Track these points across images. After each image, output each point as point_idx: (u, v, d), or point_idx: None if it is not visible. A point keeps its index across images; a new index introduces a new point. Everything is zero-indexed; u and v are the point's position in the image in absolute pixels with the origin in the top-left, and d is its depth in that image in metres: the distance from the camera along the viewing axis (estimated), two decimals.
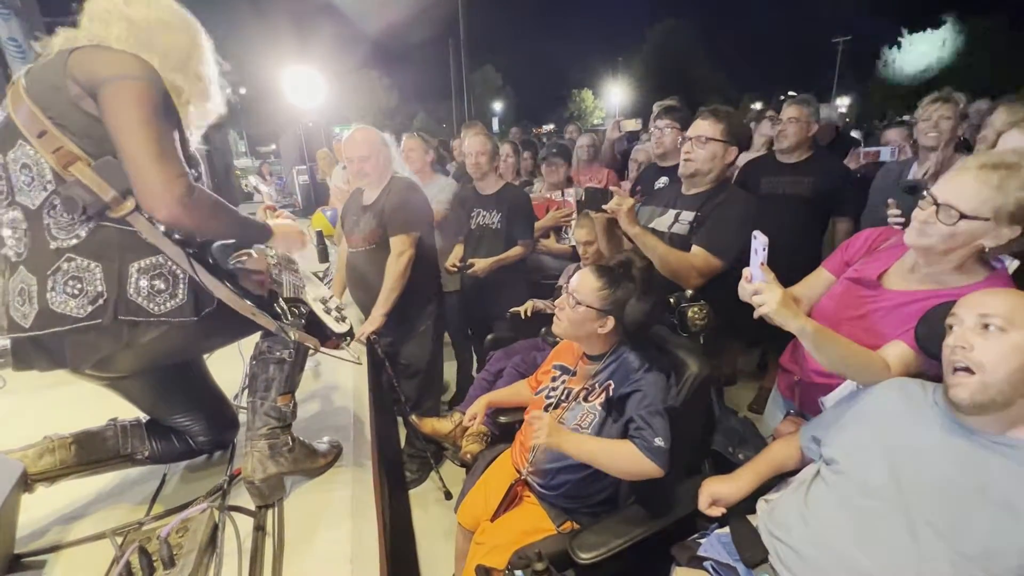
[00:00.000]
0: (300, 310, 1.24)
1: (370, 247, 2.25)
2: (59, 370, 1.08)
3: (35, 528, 1.17)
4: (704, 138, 1.77)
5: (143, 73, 0.97)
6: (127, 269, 1.02)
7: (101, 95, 0.94)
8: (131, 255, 1.02)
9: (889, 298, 1.23)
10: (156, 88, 0.98)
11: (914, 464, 0.97)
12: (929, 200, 1.11)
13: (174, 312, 1.06)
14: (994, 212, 1.04)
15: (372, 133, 2.24)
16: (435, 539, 2.16)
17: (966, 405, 0.92)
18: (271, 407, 1.23)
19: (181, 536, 1.03)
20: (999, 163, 1.05)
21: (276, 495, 1.24)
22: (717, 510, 1.27)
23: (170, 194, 0.95)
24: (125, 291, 1.01)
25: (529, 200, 2.80)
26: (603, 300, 1.41)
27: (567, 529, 1.40)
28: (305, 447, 1.33)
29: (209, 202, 1.02)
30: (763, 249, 1.05)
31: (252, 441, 1.22)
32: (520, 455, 1.57)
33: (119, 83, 0.95)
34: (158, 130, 0.96)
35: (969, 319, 0.95)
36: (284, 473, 1.25)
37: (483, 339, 2.54)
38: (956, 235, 1.08)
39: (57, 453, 1.14)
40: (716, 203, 1.78)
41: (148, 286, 1.03)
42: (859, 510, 1.00)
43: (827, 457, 1.12)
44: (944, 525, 0.91)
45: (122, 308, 1.01)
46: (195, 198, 0.98)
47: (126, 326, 1.03)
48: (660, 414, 1.31)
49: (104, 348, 1.03)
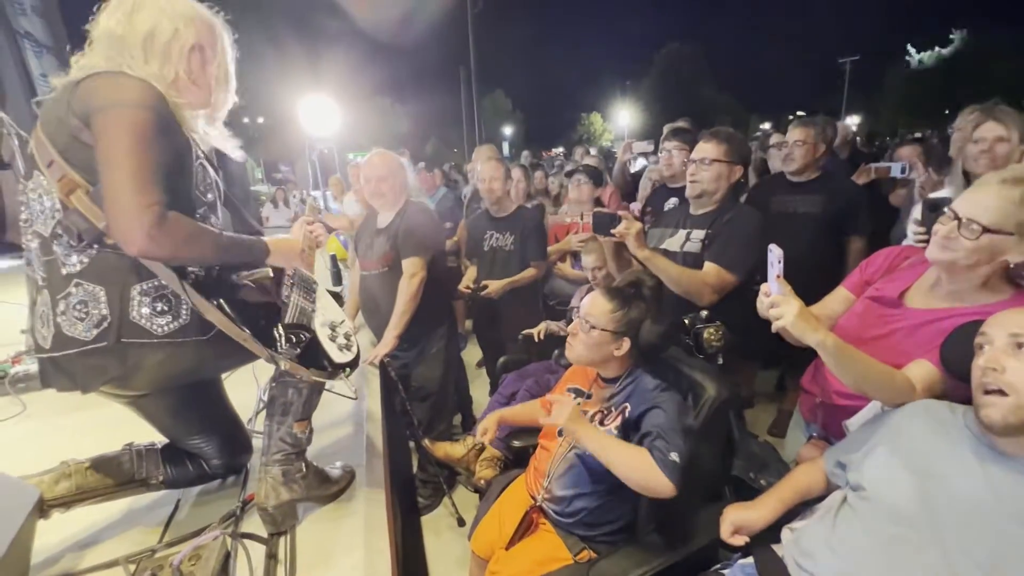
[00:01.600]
0: (300, 337, 1.17)
1: (383, 270, 2.28)
2: (78, 395, 1.09)
3: (49, 555, 1.17)
4: (708, 160, 1.83)
5: (135, 99, 0.96)
6: (129, 292, 1.04)
7: (92, 125, 0.95)
8: (133, 278, 1.04)
9: (912, 316, 1.20)
10: (147, 114, 0.96)
11: (946, 490, 0.93)
12: (950, 215, 1.09)
13: (177, 333, 1.07)
14: (1017, 226, 1.02)
15: (390, 156, 2.32)
16: (448, 567, 2.12)
17: (999, 427, 0.89)
18: (287, 432, 1.23)
19: (193, 564, 1.02)
20: (1021, 177, 1.04)
21: (288, 522, 1.23)
22: (740, 539, 1.22)
23: (137, 225, 0.91)
24: (128, 314, 1.03)
25: (542, 222, 2.81)
26: (617, 322, 1.40)
27: (584, 559, 1.36)
28: (319, 473, 1.32)
29: (184, 231, 0.98)
30: (779, 262, 1.04)
31: (266, 467, 1.21)
32: (535, 481, 1.54)
33: (107, 112, 0.94)
34: (138, 160, 0.93)
35: (1000, 339, 0.92)
36: (297, 500, 1.24)
37: (495, 361, 2.53)
38: (980, 249, 1.06)
39: (74, 478, 1.15)
40: (725, 220, 1.82)
41: (151, 308, 1.05)
42: (890, 538, 0.96)
43: (853, 483, 1.08)
44: (981, 553, 0.86)
45: (125, 331, 1.03)
46: (165, 228, 0.94)
47: (131, 348, 1.04)
48: (677, 430, 1.28)
49: (111, 370, 1.05)
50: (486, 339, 3.03)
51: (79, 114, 0.96)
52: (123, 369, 1.05)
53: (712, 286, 1.73)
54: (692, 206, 1.95)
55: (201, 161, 1.13)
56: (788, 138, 2.54)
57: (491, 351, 2.93)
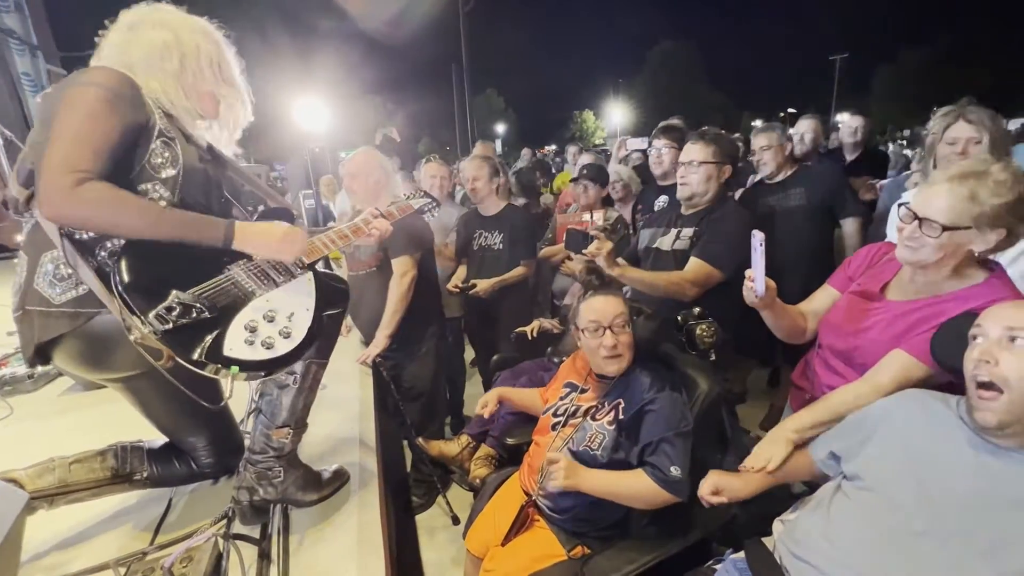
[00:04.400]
0: (183, 310, 0.98)
1: (371, 270, 2.27)
2: (66, 399, 1.09)
3: (37, 557, 1.16)
4: (697, 162, 1.86)
5: (101, 80, 0.99)
6: (39, 259, 1.04)
7: (55, 109, 0.98)
8: (46, 246, 1.04)
9: (891, 309, 1.24)
10: (105, 93, 0.98)
11: (944, 480, 0.94)
12: (910, 215, 1.12)
13: (73, 302, 1.04)
14: (974, 220, 1.06)
15: (371, 155, 2.28)
16: (443, 566, 2.11)
17: (993, 428, 0.90)
18: (265, 435, 1.23)
19: (185, 566, 1.01)
20: (967, 173, 1.08)
21: (258, 519, 1.24)
22: (718, 499, 1.21)
23: (54, 187, 0.92)
24: (32, 281, 1.04)
25: (531, 221, 2.79)
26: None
27: (578, 555, 1.37)
28: (308, 475, 1.30)
29: (105, 196, 0.95)
30: (760, 245, 1.12)
31: (246, 463, 1.24)
32: (528, 477, 1.54)
33: (68, 89, 0.99)
34: (78, 130, 0.95)
35: (995, 332, 0.92)
36: (271, 501, 1.25)
37: (488, 361, 2.52)
38: (943, 246, 1.10)
39: (57, 472, 1.14)
40: (713, 218, 1.86)
41: (52, 276, 1.04)
42: (889, 528, 0.96)
43: (850, 473, 1.09)
44: (982, 541, 0.87)
45: (29, 298, 1.04)
46: (82, 192, 0.93)
47: (35, 317, 1.04)
48: (672, 441, 1.31)
49: (27, 338, 1.05)
50: (478, 338, 3.03)
51: (52, 103, 0.99)
52: (39, 342, 1.04)
53: (692, 281, 1.77)
54: (683, 206, 1.99)
55: (164, 139, 1.09)
56: (754, 146, 2.58)
57: (483, 350, 2.92)
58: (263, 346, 1.04)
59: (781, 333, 1.43)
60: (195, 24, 1.16)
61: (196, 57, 1.14)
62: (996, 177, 1.05)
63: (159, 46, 1.10)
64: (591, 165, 3.20)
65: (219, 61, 1.19)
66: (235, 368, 1.00)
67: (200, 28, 1.17)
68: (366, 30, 26.91)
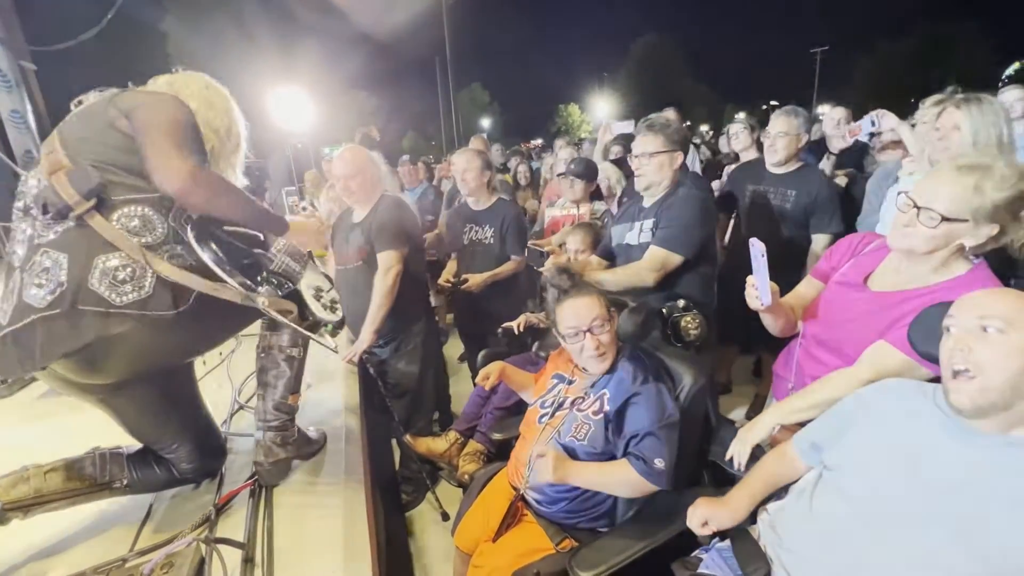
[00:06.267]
0: (283, 283, 1.28)
1: (358, 264, 2.24)
2: (42, 404, 1.06)
3: (14, 567, 1.13)
4: (648, 154, 1.92)
5: (175, 99, 1.14)
6: (92, 261, 1.04)
7: (136, 111, 1.08)
8: (98, 250, 1.05)
9: (875, 299, 1.25)
10: (184, 109, 1.13)
11: (923, 467, 0.96)
12: (909, 203, 1.12)
13: (137, 304, 1.06)
14: (972, 213, 1.07)
15: (360, 152, 2.26)
16: (433, 562, 2.11)
17: (968, 411, 0.91)
18: (282, 403, 1.37)
19: (166, 572, 0.99)
20: (975, 165, 1.08)
21: (281, 477, 1.40)
22: (708, 530, 1.23)
23: (182, 165, 1.04)
24: (87, 281, 1.03)
25: (522, 215, 2.78)
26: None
27: (565, 547, 1.37)
28: (302, 434, 1.51)
29: (220, 183, 1.12)
30: (762, 255, 1.12)
31: (264, 431, 1.37)
32: (516, 472, 1.54)
33: (153, 99, 1.13)
34: (182, 128, 1.09)
35: (967, 321, 0.93)
36: (291, 458, 1.42)
37: (477, 355, 2.51)
38: (937, 236, 1.11)
39: (32, 482, 1.11)
40: (666, 205, 1.92)
41: (112, 277, 1.05)
42: (871, 515, 0.98)
43: (830, 463, 1.10)
44: (961, 527, 0.89)
45: (82, 297, 1.02)
46: (205, 175, 1.07)
47: (86, 316, 1.03)
48: (656, 434, 1.32)
49: (68, 341, 1.02)
50: (468, 333, 3.02)
51: (122, 107, 1.09)
52: (78, 341, 1.02)
53: (649, 267, 1.84)
54: (644, 199, 2.04)
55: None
56: (770, 130, 2.51)
57: (473, 345, 2.91)
58: (331, 311, 1.35)
59: (778, 331, 1.44)
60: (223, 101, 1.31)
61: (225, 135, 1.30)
62: (1002, 172, 1.06)
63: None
64: (579, 160, 3.18)
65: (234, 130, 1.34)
66: (331, 326, 1.37)
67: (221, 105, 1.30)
68: (349, 24, 26.54)
